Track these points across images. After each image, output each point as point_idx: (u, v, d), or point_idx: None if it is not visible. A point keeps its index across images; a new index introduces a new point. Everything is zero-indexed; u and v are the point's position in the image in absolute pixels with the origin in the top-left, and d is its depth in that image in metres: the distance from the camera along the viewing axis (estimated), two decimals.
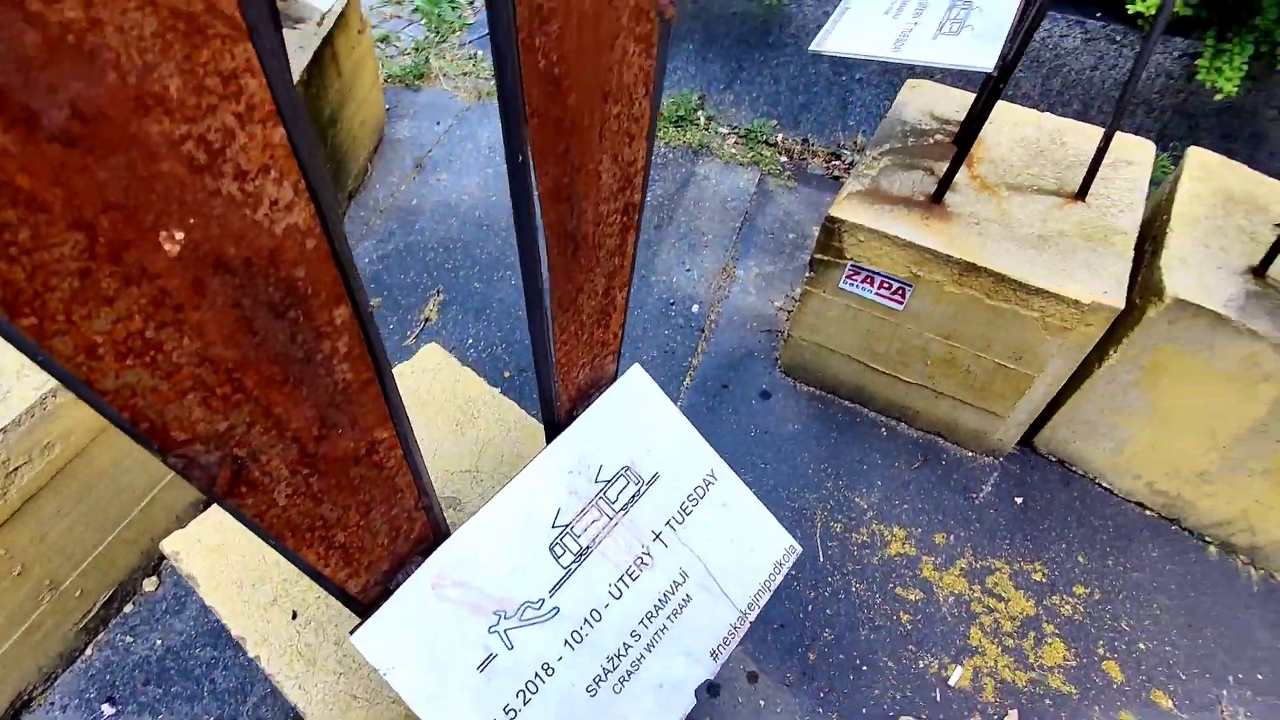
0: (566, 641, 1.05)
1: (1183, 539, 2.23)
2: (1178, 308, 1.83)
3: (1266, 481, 2.00)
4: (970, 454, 2.36)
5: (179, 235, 0.47)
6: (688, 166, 3.14)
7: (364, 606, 0.95)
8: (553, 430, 1.13)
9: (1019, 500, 2.27)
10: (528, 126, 0.77)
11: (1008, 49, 1.68)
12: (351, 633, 0.93)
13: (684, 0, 3.34)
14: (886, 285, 2.03)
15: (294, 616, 1.29)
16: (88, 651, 1.86)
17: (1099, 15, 2.96)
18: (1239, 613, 2.12)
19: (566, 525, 1.08)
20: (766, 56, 3.37)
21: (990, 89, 1.86)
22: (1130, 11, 2.78)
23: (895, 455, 2.35)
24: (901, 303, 2.05)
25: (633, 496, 1.15)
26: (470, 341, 2.54)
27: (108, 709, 1.78)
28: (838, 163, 3.19)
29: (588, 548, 1.09)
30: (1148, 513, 2.27)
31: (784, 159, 3.21)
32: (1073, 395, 2.15)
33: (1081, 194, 2.05)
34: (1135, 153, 2.19)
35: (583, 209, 0.96)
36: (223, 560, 1.34)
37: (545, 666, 1.02)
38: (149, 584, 1.97)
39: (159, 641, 1.89)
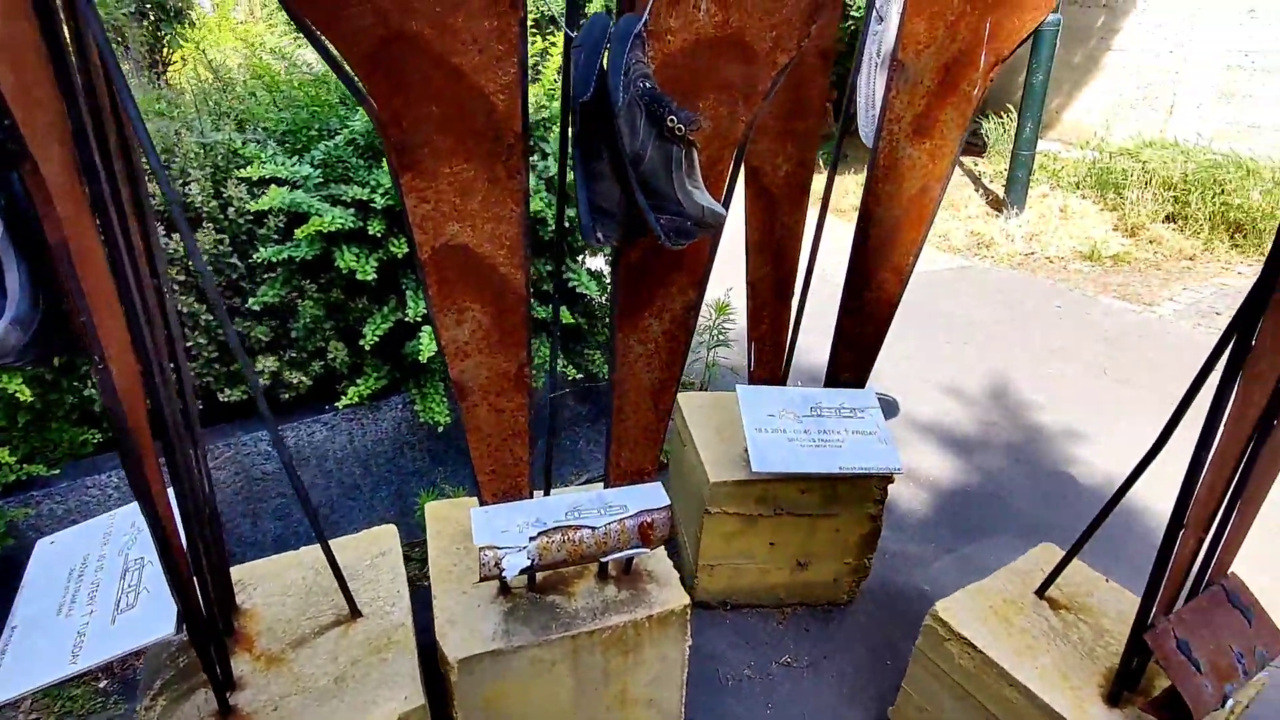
0: None
1: None
2: (466, 664, 2.20)
3: (612, 713, 2.51)
4: None
5: None
6: None
7: None
8: None
9: None
10: None
11: (194, 600, 1.82)
12: None
13: None
14: None
15: None
16: None
17: (329, 408, 3.50)
18: None
19: None
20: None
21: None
22: (342, 405, 3.38)
23: None
24: None
25: None
26: None
27: None
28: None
29: None
30: None
31: (103, 682, 2.87)
32: None
33: (354, 609, 2.32)
34: (383, 541, 2.61)
35: None
36: None
37: None
38: None
39: None
